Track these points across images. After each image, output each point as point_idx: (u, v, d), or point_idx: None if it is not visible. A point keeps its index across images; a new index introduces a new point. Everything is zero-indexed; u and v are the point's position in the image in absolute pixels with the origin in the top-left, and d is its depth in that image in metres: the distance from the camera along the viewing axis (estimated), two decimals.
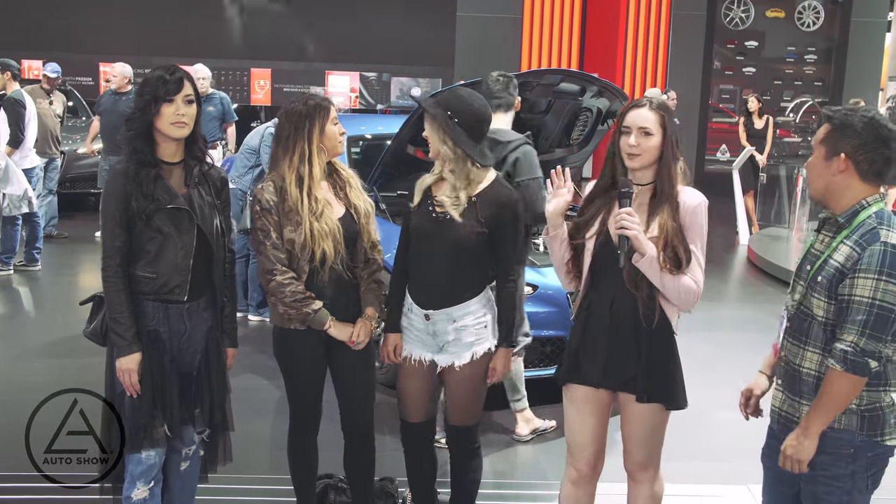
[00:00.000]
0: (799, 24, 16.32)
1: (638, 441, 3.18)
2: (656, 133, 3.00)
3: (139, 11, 15.88)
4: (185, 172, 3.17)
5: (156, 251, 3.10)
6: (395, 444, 3.79)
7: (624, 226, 2.93)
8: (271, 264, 3.32)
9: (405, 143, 5.41)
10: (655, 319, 3.04)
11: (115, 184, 3.07)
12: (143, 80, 3.12)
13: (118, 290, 3.06)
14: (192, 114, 3.10)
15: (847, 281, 2.60)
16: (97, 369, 3.38)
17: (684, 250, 2.99)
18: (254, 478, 4.28)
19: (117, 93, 9.37)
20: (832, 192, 2.72)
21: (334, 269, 3.34)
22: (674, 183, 3.03)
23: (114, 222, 3.06)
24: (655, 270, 2.96)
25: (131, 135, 3.08)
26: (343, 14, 16.33)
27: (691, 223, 3.02)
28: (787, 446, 2.70)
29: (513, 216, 3.39)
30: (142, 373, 3.08)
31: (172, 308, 3.15)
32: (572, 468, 3.28)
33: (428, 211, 3.38)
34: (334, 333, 3.37)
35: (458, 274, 3.38)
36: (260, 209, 3.34)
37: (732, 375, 3.07)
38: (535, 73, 5.44)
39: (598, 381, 3.14)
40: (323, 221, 3.30)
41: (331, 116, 3.38)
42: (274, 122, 6.98)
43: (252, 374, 5.67)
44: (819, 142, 2.72)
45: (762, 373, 3.04)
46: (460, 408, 3.52)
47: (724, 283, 9.61)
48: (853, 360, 2.57)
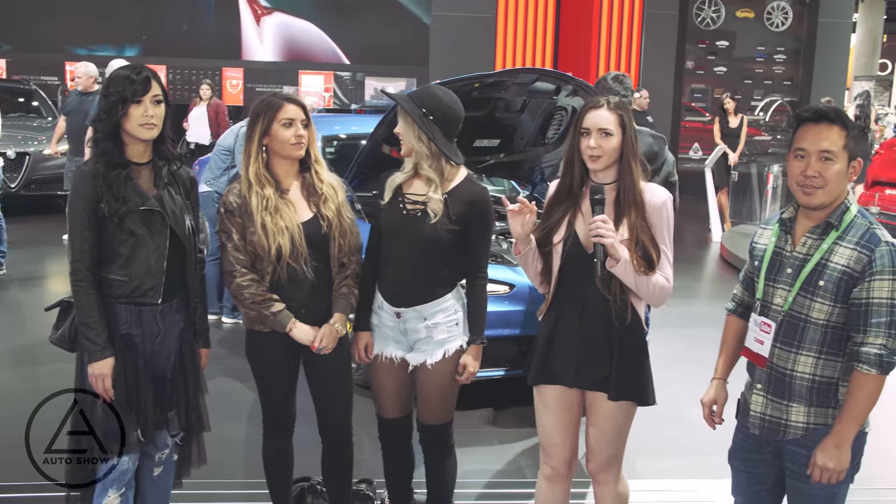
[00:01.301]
0: (768, 25, 16.49)
1: (605, 440, 3.19)
2: (616, 133, 3.02)
3: (108, 10, 15.75)
4: (153, 173, 3.13)
5: (128, 254, 3.05)
6: (373, 446, 3.77)
7: (600, 234, 2.93)
8: (231, 266, 3.30)
9: (380, 143, 5.39)
10: (628, 319, 3.06)
11: (83, 185, 3.01)
12: (108, 80, 3.06)
13: (88, 293, 3.01)
14: (161, 114, 3.06)
15: (864, 284, 2.60)
16: (65, 375, 3.33)
17: (654, 249, 3.01)
18: (229, 482, 4.23)
19: (84, 93, 9.26)
20: (837, 198, 2.71)
21: (294, 268, 3.28)
22: (636, 181, 3.04)
23: (82, 225, 3.00)
24: (630, 273, 2.98)
25: (98, 136, 3.03)
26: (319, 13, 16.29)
27: (658, 220, 3.04)
28: (823, 459, 2.66)
29: (484, 213, 3.38)
30: (115, 377, 3.03)
31: (146, 310, 3.11)
32: (547, 466, 3.29)
33: (399, 209, 3.37)
34: (296, 336, 3.32)
35: (429, 271, 3.37)
36: (224, 211, 3.33)
37: (706, 371, 3.09)
38: (511, 73, 5.43)
39: (571, 381, 3.15)
40: (278, 218, 3.25)
41: (279, 117, 3.27)
42: (247, 120, 6.96)
43: (226, 377, 5.63)
44: (842, 148, 2.66)
45: (720, 379, 3.03)
46: (433, 406, 3.50)
47: (696, 279, 9.69)
48: (888, 361, 2.59)
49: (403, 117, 3.33)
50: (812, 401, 2.73)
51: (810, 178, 2.66)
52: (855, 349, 2.63)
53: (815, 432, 2.72)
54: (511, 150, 5.94)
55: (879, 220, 2.79)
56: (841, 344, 2.68)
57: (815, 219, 2.73)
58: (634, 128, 3.12)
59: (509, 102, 5.53)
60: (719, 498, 4.22)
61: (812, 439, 2.72)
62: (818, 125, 2.67)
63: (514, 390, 5.02)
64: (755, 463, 2.93)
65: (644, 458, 4.61)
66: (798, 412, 2.74)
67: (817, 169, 2.66)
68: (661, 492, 4.35)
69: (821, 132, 2.66)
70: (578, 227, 3.10)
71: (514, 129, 5.80)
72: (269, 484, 3.62)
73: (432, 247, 3.33)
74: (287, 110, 3.28)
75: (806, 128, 2.69)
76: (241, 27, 16.62)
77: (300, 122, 3.30)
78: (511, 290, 5.09)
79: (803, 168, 2.68)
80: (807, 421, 2.74)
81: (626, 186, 3.04)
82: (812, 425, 2.73)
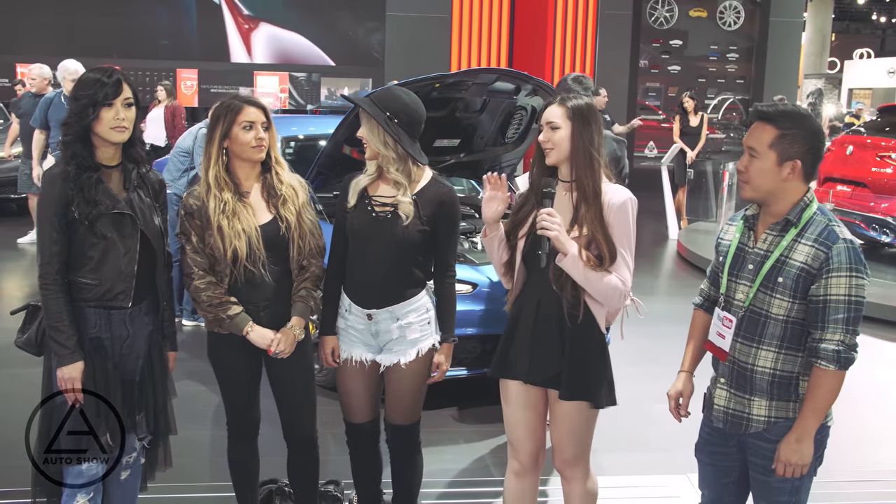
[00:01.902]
0: (721, 24, 16.72)
1: (566, 438, 3.20)
2: (563, 126, 3.07)
3: (59, 11, 15.51)
4: (123, 176, 3.10)
5: (99, 257, 3.01)
6: (339, 447, 3.75)
7: (544, 226, 2.96)
8: (189, 269, 3.29)
9: (341, 144, 5.38)
10: (580, 317, 3.07)
11: (53, 188, 2.97)
12: (78, 83, 3.03)
13: (57, 297, 2.97)
14: (132, 117, 3.04)
15: (821, 281, 2.63)
16: (26, 380, 3.27)
17: (608, 248, 3.02)
18: (194, 486, 4.20)
19: (37, 95, 9.10)
20: (777, 195, 2.74)
21: (252, 271, 3.26)
22: (594, 177, 3.06)
23: (52, 227, 2.96)
24: (578, 269, 2.99)
25: (69, 139, 2.99)
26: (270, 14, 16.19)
27: (616, 221, 3.05)
28: (786, 453, 2.70)
29: (452, 213, 3.39)
30: (84, 381, 3.00)
31: (115, 314, 3.08)
32: (515, 461, 3.30)
33: (367, 211, 3.35)
34: (253, 339, 3.29)
35: (400, 272, 3.36)
36: (184, 213, 3.31)
37: (669, 367, 3.12)
38: (471, 73, 5.44)
39: (525, 377, 3.17)
40: (235, 221, 3.23)
41: (240, 120, 3.24)
42: (206, 122, 6.91)
43: (189, 380, 5.57)
44: (767, 146, 2.70)
45: (686, 372, 3.06)
46: (404, 406, 3.49)
47: (655, 277, 9.78)
48: (845, 357, 2.63)
49: (367, 121, 3.30)
50: (773, 395, 2.76)
51: (740, 172, 2.77)
52: (814, 345, 2.66)
53: (776, 426, 2.76)
54: (471, 149, 5.95)
55: (841, 219, 2.85)
56: (801, 339, 2.72)
57: (775, 216, 2.77)
58: (598, 125, 3.13)
59: (469, 102, 5.54)
60: (685, 493, 4.29)
61: (774, 433, 2.75)
62: (757, 123, 2.74)
63: (478, 389, 5.03)
64: (720, 456, 2.96)
65: (609, 455, 4.64)
66: (759, 406, 2.78)
67: (744, 164, 2.76)
68: (628, 488, 4.38)
69: (754, 129, 2.75)
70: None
71: (475, 128, 5.81)
72: (236, 487, 3.60)
73: (404, 248, 3.32)
74: (247, 113, 3.25)
75: (752, 125, 2.78)
76: (225, 30, 16.47)
77: (261, 124, 3.28)
78: (474, 289, 5.10)
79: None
80: (768, 414, 2.77)
81: (581, 180, 3.06)
82: (773, 419, 2.77)
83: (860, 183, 9.75)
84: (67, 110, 3.04)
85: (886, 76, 23.31)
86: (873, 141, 9.88)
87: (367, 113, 3.28)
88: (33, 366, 3.16)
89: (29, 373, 3.24)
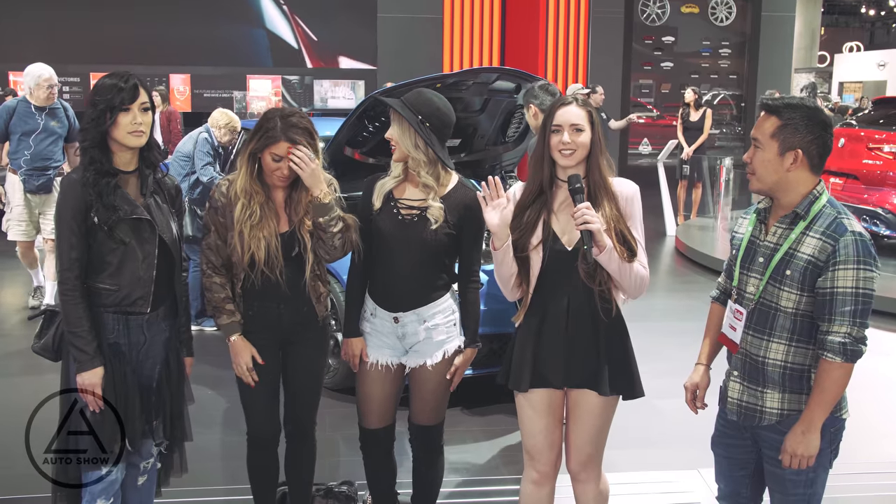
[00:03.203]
0: (713, 20, 16.76)
1: (587, 438, 3.18)
2: (587, 129, 3.04)
3: (50, 18, 15.46)
4: (140, 181, 3.11)
5: (118, 263, 3.02)
6: (350, 448, 3.75)
7: (586, 220, 2.91)
8: (203, 265, 3.33)
9: (342, 146, 5.38)
10: (613, 311, 3.08)
11: (72, 194, 2.98)
12: (95, 89, 3.02)
13: (77, 303, 2.97)
14: (149, 121, 3.05)
15: (828, 274, 2.64)
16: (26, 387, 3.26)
17: (631, 238, 3.04)
18: (209, 489, 4.20)
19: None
20: (783, 186, 2.75)
21: (268, 277, 3.28)
22: (605, 175, 3.07)
23: (71, 233, 2.96)
24: (615, 261, 2.99)
25: (86, 145, 2.99)
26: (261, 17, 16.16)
27: (630, 211, 3.08)
28: (792, 444, 2.71)
29: (478, 217, 3.32)
30: (104, 386, 3.01)
31: (133, 319, 3.09)
32: (534, 471, 3.24)
33: (393, 214, 3.34)
34: (231, 350, 3.33)
35: (427, 275, 3.36)
36: (209, 206, 3.34)
37: (673, 363, 3.13)
38: (471, 72, 5.45)
39: (560, 382, 3.12)
40: (258, 229, 3.24)
41: (271, 150, 3.19)
42: (205, 126, 6.91)
43: (195, 384, 5.55)
44: (769, 136, 2.72)
45: (702, 364, 3.08)
46: (429, 407, 3.50)
47: (654, 273, 9.76)
48: (852, 349, 2.64)
49: (399, 123, 3.29)
50: (785, 387, 2.77)
51: (747, 164, 2.81)
52: (821, 338, 2.67)
53: (789, 418, 2.76)
54: (472, 149, 5.95)
55: None
56: (811, 332, 2.73)
57: (784, 208, 2.78)
58: (601, 124, 3.16)
59: (469, 102, 5.55)
60: (696, 488, 4.29)
61: (787, 425, 2.76)
62: (763, 114, 2.77)
63: (484, 389, 5.03)
64: (736, 449, 2.97)
65: (617, 451, 4.63)
66: (773, 398, 2.79)
67: (750, 155, 2.79)
68: (638, 484, 4.38)
69: (759, 121, 2.79)
70: (555, 227, 3.09)
71: (475, 128, 5.81)
72: (254, 491, 3.59)
73: (431, 251, 3.33)
74: (279, 147, 3.21)
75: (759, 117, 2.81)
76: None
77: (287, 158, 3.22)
78: (482, 286, 5.08)
79: None
80: (781, 407, 2.78)
81: (597, 180, 3.06)
82: (786, 411, 2.78)
83: (851, 175, 9.80)
84: (84, 116, 3.05)
85: (877, 69, 23.35)
86: (867, 134, 9.93)
87: (399, 115, 3.28)
88: (25, 374, 3.14)
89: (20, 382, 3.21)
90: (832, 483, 2.64)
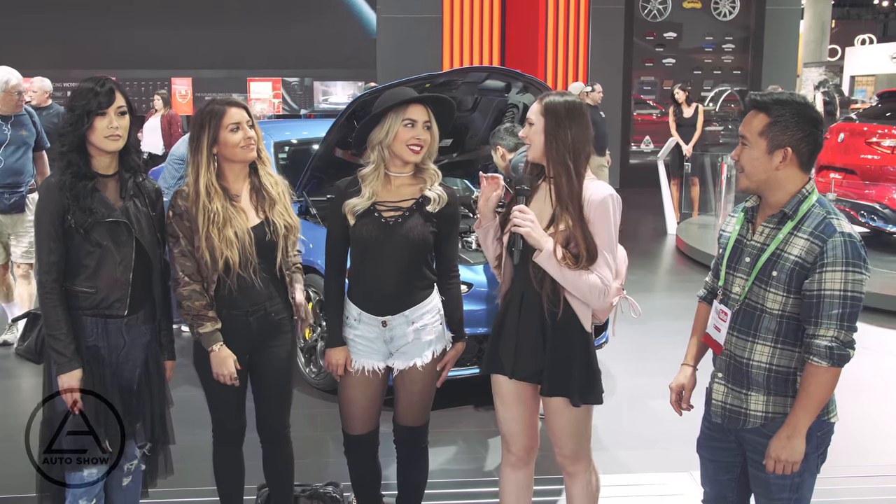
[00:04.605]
0: (716, 14, 16.66)
1: (560, 434, 3.19)
2: (537, 122, 3.05)
3: (54, 24, 15.52)
4: (119, 185, 3.13)
5: (94, 266, 3.05)
6: (338, 449, 3.72)
7: (516, 223, 2.97)
8: (176, 273, 3.27)
9: (333, 147, 5.36)
10: (559, 314, 3.05)
11: (50, 197, 3.02)
12: (73, 93, 3.06)
13: (56, 306, 3.01)
14: (126, 125, 3.06)
15: (815, 276, 2.57)
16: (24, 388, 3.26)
17: (587, 246, 2.98)
18: (196, 490, 4.19)
19: (38, 108, 9.02)
20: (772, 184, 2.69)
21: (244, 277, 3.26)
22: (571, 175, 3.01)
23: (49, 237, 3.01)
24: (554, 266, 2.96)
25: (65, 149, 3.03)
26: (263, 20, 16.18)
27: (595, 218, 2.99)
28: (777, 450, 2.65)
29: (456, 213, 3.41)
30: (83, 389, 3.03)
31: (111, 323, 3.11)
32: (509, 454, 3.31)
33: (375, 218, 3.31)
34: (212, 359, 3.27)
35: (413, 275, 3.35)
36: (173, 214, 3.26)
37: (670, 363, 3.08)
38: (461, 72, 5.41)
39: (510, 372, 3.16)
40: (226, 230, 3.20)
41: (225, 123, 3.22)
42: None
43: (180, 386, 5.52)
44: (758, 134, 2.66)
45: (688, 365, 3.03)
46: (416, 408, 3.48)
47: (653, 272, 9.74)
48: (839, 354, 2.57)
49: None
50: (770, 390, 2.72)
51: (736, 162, 2.75)
52: (807, 341, 2.61)
53: (774, 421, 2.71)
54: (463, 149, 5.93)
55: (836, 207, 2.80)
56: (797, 334, 2.67)
57: (772, 207, 2.72)
58: (578, 123, 3.05)
59: (460, 101, 5.52)
60: (688, 490, 4.24)
61: (772, 428, 2.71)
62: (751, 111, 2.71)
63: (474, 389, 5.00)
64: (721, 452, 2.93)
65: (610, 452, 4.61)
66: (757, 401, 2.74)
67: (737, 153, 2.74)
68: (630, 486, 4.34)
69: (747, 119, 2.72)
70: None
71: (467, 127, 5.80)
72: (221, 491, 3.58)
73: (418, 249, 3.32)
74: (231, 115, 3.23)
75: (747, 114, 2.75)
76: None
77: (246, 123, 3.26)
78: (469, 289, 5.07)
79: None
80: (765, 410, 2.73)
81: (559, 180, 3.03)
82: (771, 414, 2.72)
83: (850, 170, 9.71)
84: (62, 120, 3.08)
85: (889, 62, 22.89)
86: (870, 128, 9.83)
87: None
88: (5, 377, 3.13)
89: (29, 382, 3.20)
90: (833, 486, 2.60)
